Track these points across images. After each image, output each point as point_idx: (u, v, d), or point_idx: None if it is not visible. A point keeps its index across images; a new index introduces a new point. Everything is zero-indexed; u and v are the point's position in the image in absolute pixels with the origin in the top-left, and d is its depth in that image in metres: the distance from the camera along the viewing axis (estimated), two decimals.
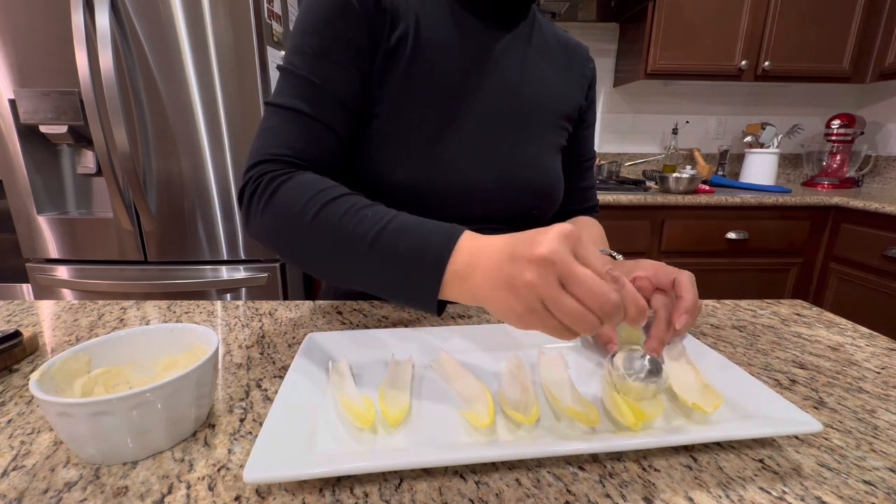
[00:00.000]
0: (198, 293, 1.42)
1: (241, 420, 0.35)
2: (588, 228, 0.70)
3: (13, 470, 0.29)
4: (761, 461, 0.31)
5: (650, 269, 0.46)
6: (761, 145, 2.02)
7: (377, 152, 0.54)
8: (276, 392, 0.39)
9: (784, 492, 0.28)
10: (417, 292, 0.37)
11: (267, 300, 0.61)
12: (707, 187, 1.80)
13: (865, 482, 0.29)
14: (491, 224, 0.60)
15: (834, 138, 1.99)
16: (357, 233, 0.39)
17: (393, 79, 0.53)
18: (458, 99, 0.56)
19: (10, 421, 0.35)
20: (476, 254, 0.34)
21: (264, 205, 0.45)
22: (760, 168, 1.99)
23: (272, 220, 0.45)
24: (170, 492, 0.28)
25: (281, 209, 0.44)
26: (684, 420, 0.35)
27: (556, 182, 0.64)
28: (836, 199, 1.66)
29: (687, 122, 2.21)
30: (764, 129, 2.00)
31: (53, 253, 1.40)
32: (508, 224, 0.61)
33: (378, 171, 0.54)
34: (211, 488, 0.28)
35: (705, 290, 1.74)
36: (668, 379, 0.37)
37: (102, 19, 1.17)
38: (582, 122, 0.69)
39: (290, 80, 0.49)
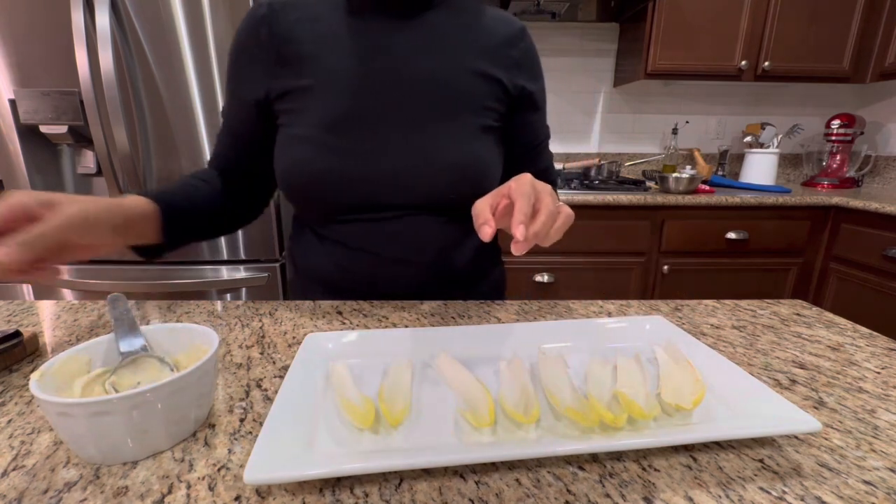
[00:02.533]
0: (198, 293, 1.42)
1: (241, 420, 0.35)
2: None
3: (13, 470, 0.29)
4: (761, 461, 0.31)
5: (498, 189, 0.43)
6: (761, 145, 2.02)
7: (292, 149, 0.59)
8: (276, 392, 0.39)
9: (784, 492, 0.28)
10: None
11: (267, 300, 0.61)
12: (707, 187, 1.80)
13: (865, 482, 0.29)
14: (415, 211, 0.61)
15: (834, 138, 1.99)
16: None
17: (292, 90, 0.59)
18: (360, 94, 0.58)
19: (10, 421, 0.35)
20: None
21: None
22: (760, 168, 1.99)
23: None
24: (170, 492, 0.28)
25: None
26: (684, 420, 0.35)
27: (477, 164, 0.62)
28: (836, 199, 1.66)
29: (687, 122, 2.21)
30: (764, 129, 2.00)
31: None
32: (437, 211, 0.62)
33: (296, 166, 0.59)
34: (211, 488, 0.28)
35: (705, 290, 1.74)
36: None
37: (102, 19, 1.17)
38: (521, 104, 0.66)
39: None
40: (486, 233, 0.38)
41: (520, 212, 0.37)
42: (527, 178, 0.41)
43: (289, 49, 0.58)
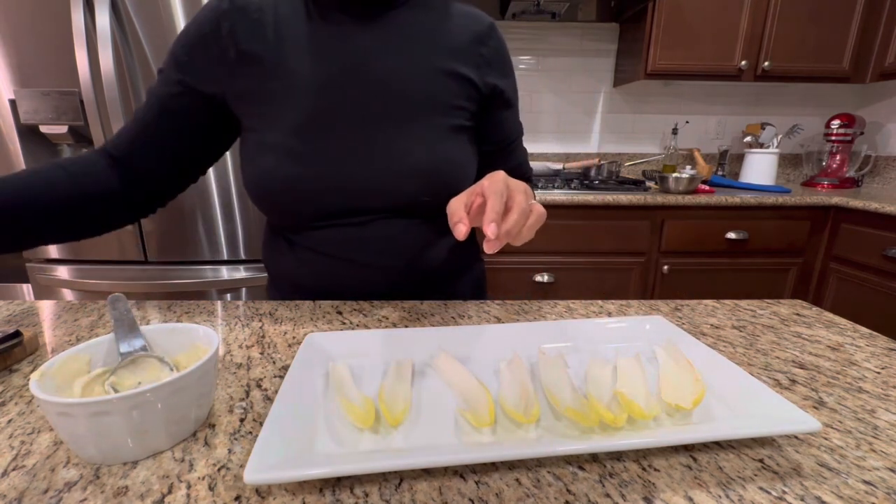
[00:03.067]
0: (198, 293, 1.42)
1: (241, 420, 0.35)
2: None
3: (13, 470, 0.29)
4: (761, 461, 0.31)
5: (471, 188, 0.43)
6: (761, 145, 2.02)
7: (257, 158, 0.58)
8: (276, 392, 0.39)
9: (784, 492, 0.28)
10: None
11: (267, 300, 0.61)
12: (707, 187, 1.80)
13: (865, 482, 0.29)
14: (383, 215, 0.60)
15: (834, 138, 1.99)
16: None
17: (254, 92, 0.57)
18: (325, 97, 0.57)
19: (10, 421, 0.35)
20: None
21: None
22: (760, 168, 1.99)
23: None
24: (170, 492, 0.28)
25: None
26: (684, 420, 0.35)
27: (448, 165, 0.61)
28: (836, 199, 1.66)
29: (687, 122, 2.21)
30: (764, 129, 2.00)
31: (53, 253, 1.41)
32: (409, 214, 0.61)
33: (263, 175, 0.57)
34: (211, 488, 0.28)
35: (705, 290, 1.74)
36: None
37: (102, 19, 1.17)
38: (493, 102, 0.65)
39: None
40: (460, 231, 0.38)
41: (492, 210, 0.37)
42: (500, 175, 0.41)
43: (251, 48, 0.56)
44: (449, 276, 0.68)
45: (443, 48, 0.61)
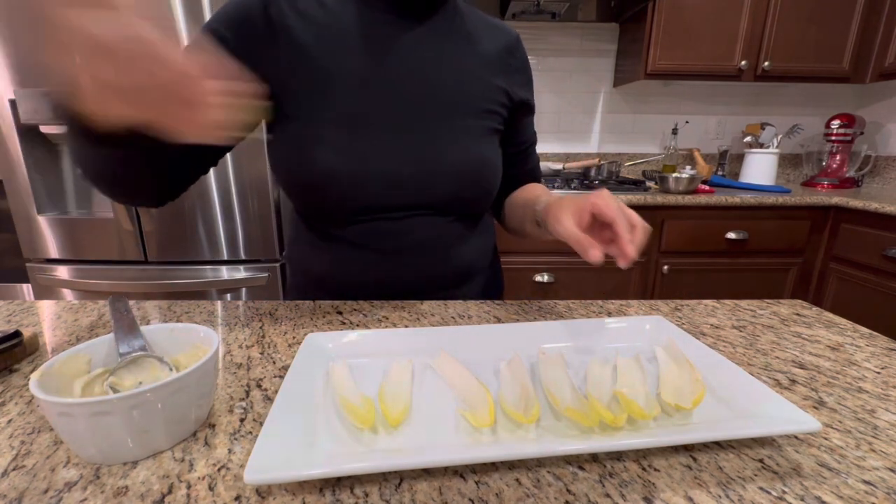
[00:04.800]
0: (198, 293, 1.42)
1: (241, 420, 0.35)
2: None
3: (13, 470, 0.29)
4: (761, 461, 0.31)
5: (573, 208, 0.48)
6: (761, 145, 2.02)
7: (297, 148, 0.57)
8: (276, 392, 0.39)
9: (784, 492, 0.28)
10: None
11: (267, 300, 0.61)
12: (707, 187, 1.80)
13: (865, 482, 0.29)
14: (420, 211, 0.61)
15: (834, 138, 1.99)
16: None
17: (298, 80, 0.56)
18: (370, 92, 0.58)
19: (10, 421, 0.35)
20: None
21: None
22: (760, 168, 1.99)
23: None
24: (170, 492, 0.28)
25: None
26: (684, 420, 0.35)
27: (483, 166, 0.63)
28: (836, 199, 1.66)
29: (687, 122, 2.21)
30: (764, 129, 2.00)
31: (53, 253, 1.41)
32: (439, 211, 0.62)
33: (304, 165, 0.57)
34: (211, 488, 0.28)
35: (705, 290, 1.74)
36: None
37: None
38: (520, 108, 0.69)
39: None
40: (594, 256, 0.42)
41: (625, 232, 0.43)
42: (605, 192, 0.46)
43: (298, 36, 0.56)
44: (475, 273, 0.70)
45: (480, 55, 0.65)
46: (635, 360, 0.41)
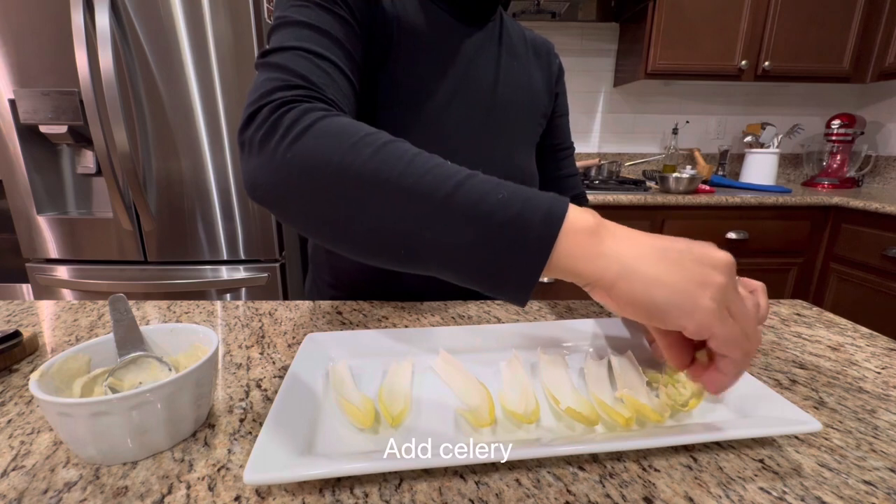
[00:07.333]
0: (198, 293, 1.42)
1: (241, 420, 0.35)
2: None
3: (13, 470, 0.29)
4: (761, 461, 0.31)
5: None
6: (761, 145, 2.02)
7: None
8: (276, 392, 0.39)
9: (784, 492, 0.28)
10: (519, 249, 0.30)
11: (267, 300, 0.61)
12: (707, 187, 1.80)
13: (865, 482, 0.29)
14: None
15: (834, 138, 1.99)
16: (440, 174, 0.31)
17: (379, 70, 0.53)
18: (433, 100, 0.56)
19: (10, 421, 0.35)
20: (609, 226, 0.30)
21: (298, 134, 0.34)
22: (760, 168, 1.99)
23: (309, 154, 0.33)
24: (170, 492, 0.28)
25: (326, 138, 0.34)
26: (684, 420, 0.35)
27: (528, 180, 0.65)
28: (836, 199, 1.66)
29: (687, 122, 2.21)
30: (764, 129, 2.00)
31: (53, 253, 1.40)
32: None
33: None
34: (211, 488, 0.28)
35: None
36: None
37: (102, 19, 1.17)
38: (555, 111, 0.71)
39: (288, 30, 0.42)
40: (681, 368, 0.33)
41: (726, 383, 0.31)
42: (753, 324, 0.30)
43: (381, 22, 0.51)
44: None
45: (532, 62, 0.65)
46: (634, 360, 0.41)
